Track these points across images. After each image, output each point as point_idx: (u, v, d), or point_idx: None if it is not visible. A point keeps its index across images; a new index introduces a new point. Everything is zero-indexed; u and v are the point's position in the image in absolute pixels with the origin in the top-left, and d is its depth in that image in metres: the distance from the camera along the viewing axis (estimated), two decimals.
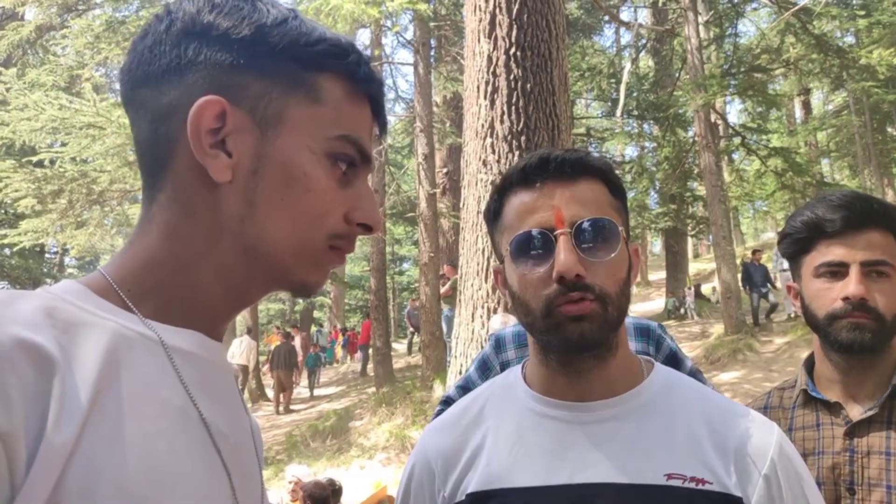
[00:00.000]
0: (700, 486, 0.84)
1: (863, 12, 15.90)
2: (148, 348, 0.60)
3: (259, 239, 0.64)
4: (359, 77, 0.67)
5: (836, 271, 1.25)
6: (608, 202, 0.92)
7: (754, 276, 13.48)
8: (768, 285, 13.74)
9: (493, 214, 0.98)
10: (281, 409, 14.09)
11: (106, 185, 11.34)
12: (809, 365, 1.41)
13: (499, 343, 2.07)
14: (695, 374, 1.86)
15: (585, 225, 0.86)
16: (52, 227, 11.67)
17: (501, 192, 0.97)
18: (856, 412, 1.27)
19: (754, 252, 14.31)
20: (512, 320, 4.95)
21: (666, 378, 0.97)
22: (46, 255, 23.16)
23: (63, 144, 11.26)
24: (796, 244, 1.34)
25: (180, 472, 0.57)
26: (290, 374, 14.63)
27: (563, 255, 0.84)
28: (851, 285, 1.22)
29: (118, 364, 0.56)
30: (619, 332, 0.92)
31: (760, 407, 1.44)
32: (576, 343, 0.86)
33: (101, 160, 11.20)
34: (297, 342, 17.51)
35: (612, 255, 0.87)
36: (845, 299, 1.23)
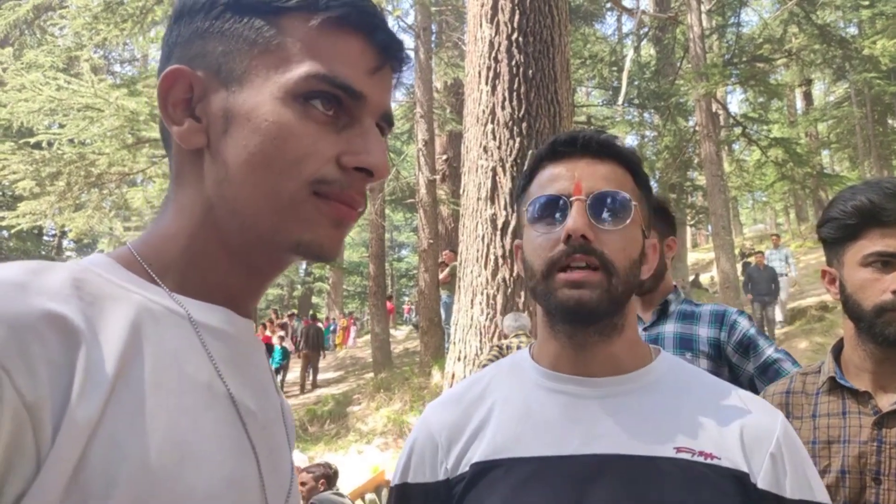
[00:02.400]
0: (709, 461, 0.85)
1: (866, 2, 15.83)
2: (174, 323, 0.60)
3: (236, 199, 0.62)
4: (321, 7, 0.62)
5: (888, 262, 1.23)
6: (630, 186, 0.94)
7: (759, 283, 11.82)
8: (774, 293, 11.87)
9: (522, 189, 1.00)
10: (308, 385, 14.80)
11: (104, 168, 11.28)
12: (837, 352, 1.39)
13: None
14: (776, 360, 1.82)
15: (601, 196, 0.89)
16: (50, 209, 11.62)
17: (532, 169, 0.99)
18: (885, 402, 1.26)
19: (757, 253, 12.84)
20: (523, 319, 4.91)
21: (673, 363, 0.99)
22: (44, 238, 23.13)
23: (61, 126, 11.18)
24: (843, 229, 1.29)
25: (205, 450, 0.56)
26: (318, 354, 15.54)
27: (574, 216, 0.87)
28: None
29: (143, 338, 0.56)
30: (625, 312, 0.93)
31: (783, 391, 1.43)
32: (572, 309, 0.87)
33: (100, 142, 11.14)
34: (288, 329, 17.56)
35: (622, 226, 0.89)
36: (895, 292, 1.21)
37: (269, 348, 13.38)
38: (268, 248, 0.64)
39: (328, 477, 5.36)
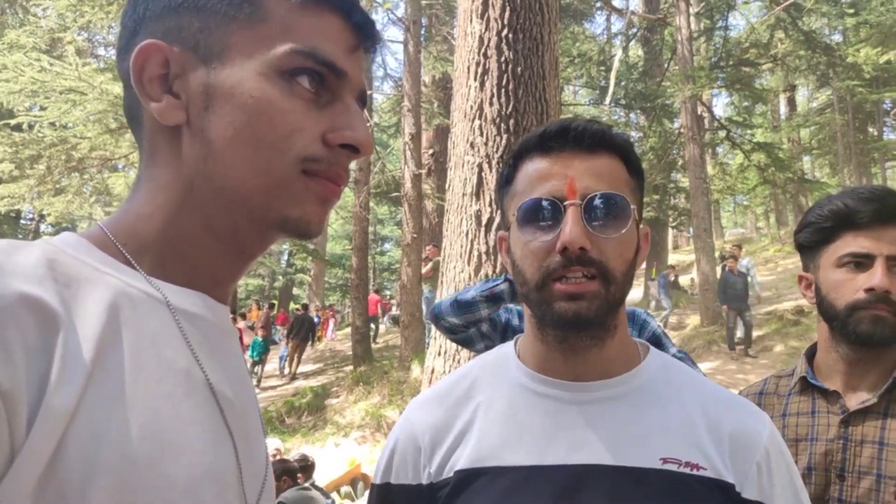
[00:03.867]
0: (694, 472, 0.83)
1: (851, 11, 16.03)
2: (152, 308, 0.58)
3: (224, 177, 0.60)
4: None
5: (861, 262, 1.26)
6: (624, 180, 0.88)
7: (734, 288, 11.49)
8: (749, 301, 11.65)
9: (505, 180, 0.95)
10: (287, 375, 15.00)
11: (86, 152, 11.13)
12: (810, 354, 1.43)
13: (520, 315, 2.11)
14: (681, 360, 1.88)
15: (597, 199, 0.83)
16: (28, 192, 11.44)
17: (517, 158, 0.93)
18: (853, 402, 1.29)
19: (733, 259, 12.19)
20: None
21: (661, 362, 0.96)
22: (22, 222, 22.79)
23: (42, 109, 11.02)
24: (819, 233, 1.33)
25: (184, 438, 0.55)
26: (306, 345, 15.85)
27: (570, 226, 0.81)
28: (877, 277, 1.23)
29: (121, 323, 0.54)
30: (619, 313, 0.89)
31: (756, 392, 1.46)
32: (569, 321, 0.83)
33: (82, 126, 10.99)
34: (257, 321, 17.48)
35: (621, 232, 0.84)
36: (869, 290, 1.23)
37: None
38: (255, 226, 0.63)
39: (305, 469, 5.35)
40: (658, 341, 1.97)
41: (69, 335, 0.49)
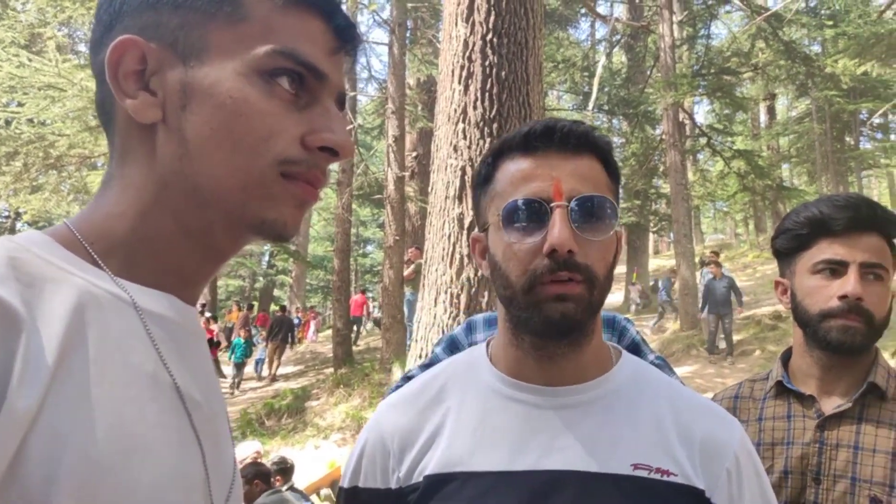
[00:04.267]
0: (665, 478, 0.83)
1: (830, 22, 16.25)
2: (119, 309, 0.57)
3: (200, 176, 0.59)
4: None
5: (835, 269, 1.28)
6: (605, 183, 0.88)
7: (716, 294, 11.31)
8: (730, 308, 11.39)
9: (484, 179, 0.92)
10: (266, 378, 14.95)
11: (64, 150, 10.98)
12: (786, 358, 1.44)
13: (470, 326, 2.07)
14: (659, 366, 1.90)
15: (583, 201, 0.82)
16: (4, 190, 11.27)
17: (497, 156, 0.91)
18: (829, 406, 1.31)
19: (716, 265, 11.90)
20: None
21: (634, 367, 0.96)
22: None
23: (20, 104, 10.84)
24: (795, 240, 1.35)
25: (150, 441, 0.54)
26: (284, 346, 15.80)
27: (559, 228, 0.80)
28: (850, 284, 1.24)
29: (86, 325, 0.53)
30: (596, 317, 0.89)
31: (731, 396, 1.47)
32: (557, 323, 0.81)
33: (61, 123, 10.84)
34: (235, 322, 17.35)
35: (607, 235, 0.84)
36: (842, 298, 1.25)
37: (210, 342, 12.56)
38: (229, 226, 0.62)
39: (284, 471, 5.30)
40: (637, 348, 1.98)
41: (31, 336, 0.48)
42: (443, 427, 0.91)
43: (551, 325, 0.82)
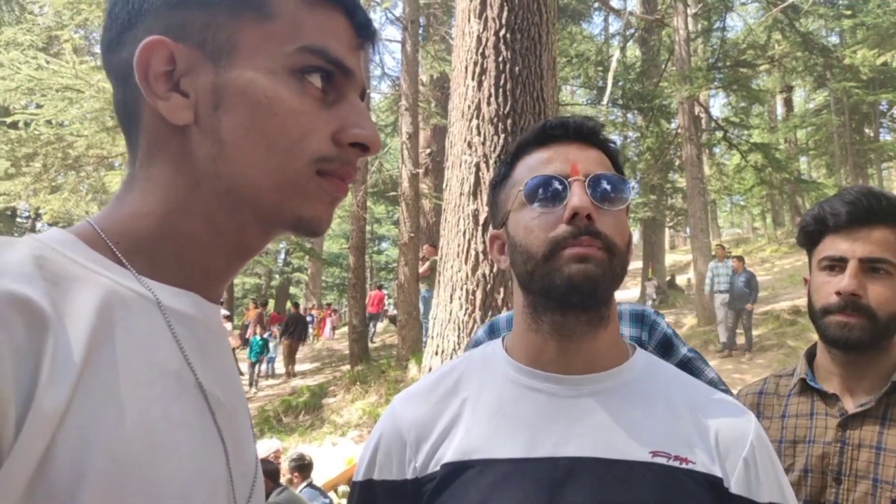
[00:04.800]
0: (684, 465, 0.84)
1: (849, 12, 16.07)
2: (143, 308, 0.57)
3: (235, 177, 0.59)
4: None
5: (836, 265, 1.27)
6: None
7: (735, 289, 11.14)
8: (748, 300, 11.07)
9: (503, 176, 0.98)
10: (291, 371, 15.25)
11: (82, 150, 11.11)
12: (810, 355, 1.42)
13: (492, 327, 2.08)
14: (690, 360, 1.88)
15: (598, 178, 0.88)
16: (24, 190, 11.42)
17: (515, 156, 0.97)
18: (851, 405, 1.29)
19: (738, 259, 11.72)
20: None
21: (648, 360, 0.97)
22: (17, 220, 22.73)
23: (39, 106, 10.98)
24: (807, 237, 1.36)
25: (175, 441, 0.54)
26: (298, 343, 16.02)
27: (578, 195, 0.85)
28: (844, 280, 1.24)
29: (112, 324, 0.53)
30: (612, 304, 0.92)
31: (755, 392, 1.46)
32: (579, 284, 0.83)
33: (78, 124, 10.96)
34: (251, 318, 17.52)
35: (621, 207, 0.89)
36: (838, 294, 1.25)
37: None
38: (262, 225, 0.63)
39: (302, 468, 5.34)
40: (669, 342, 1.97)
41: (59, 335, 0.48)
42: (460, 417, 0.92)
43: (573, 287, 0.84)
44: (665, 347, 1.94)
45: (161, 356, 0.56)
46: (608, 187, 0.88)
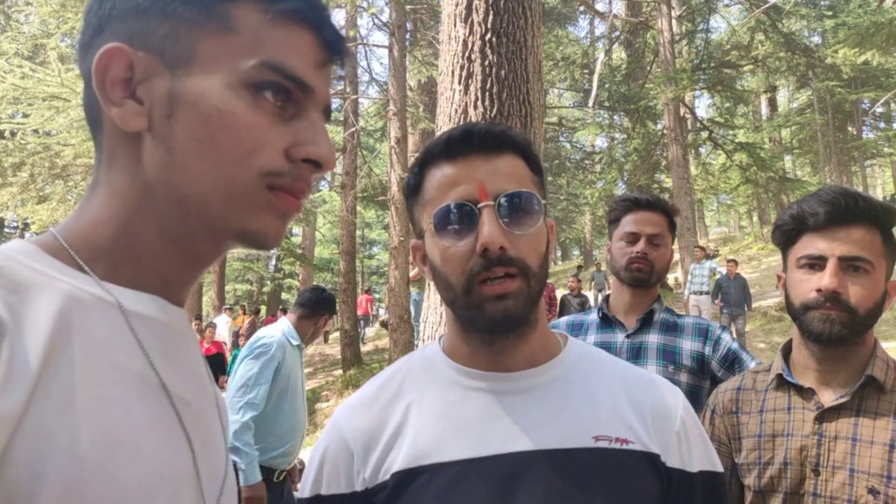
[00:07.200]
0: (624, 446, 0.88)
1: (830, 13, 16.26)
2: (104, 311, 0.57)
3: (184, 186, 0.59)
4: None
5: (815, 264, 1.31)
6: (528, 177, 0.92)
7: (728, 294, 11.16)
8: (744, 308, 11.16)
9: (413, 189, 0.95)
10: None
11: (70, 159, 11.07)
12: (786, 351, 1.46)
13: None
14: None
15: (508, 198, 0.86)
16: (12, 200, 11.37)
17: (422, 166, 0.94)
18: (827, 398, 1.33)
19: (733, 262, 11.55)
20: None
21: (580, 349, 1.00)
22: (5, 230, 22.57)
23: (25, 116, 10.93)
24: (784, 235, 1.40)
25: (138, 441, 0.54)
26: None
27: (488, 226, 0.83)
28: (825, 278, 1.27)
29: (71, 327, 0.53)
30: (538, 306, 0.92)
31: (734, 388, 1.50)
32: (500, 321, 0.85)
33: (66, 133, 10.92)
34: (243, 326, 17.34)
35: (535, 227, 0.87)
36: (818, 291, 1.28)
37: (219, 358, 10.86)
38: (211, 235, 0.63)
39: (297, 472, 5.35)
40: (736, 356, 1.93)
41: (15, 341, 0.49)
42: (406, 423, 0.92)
43: (495, 324, 0.86)
44: (731, 363, 1.92)
45: (123, 358, 0.57)
46: (518, 208, 0.86)
